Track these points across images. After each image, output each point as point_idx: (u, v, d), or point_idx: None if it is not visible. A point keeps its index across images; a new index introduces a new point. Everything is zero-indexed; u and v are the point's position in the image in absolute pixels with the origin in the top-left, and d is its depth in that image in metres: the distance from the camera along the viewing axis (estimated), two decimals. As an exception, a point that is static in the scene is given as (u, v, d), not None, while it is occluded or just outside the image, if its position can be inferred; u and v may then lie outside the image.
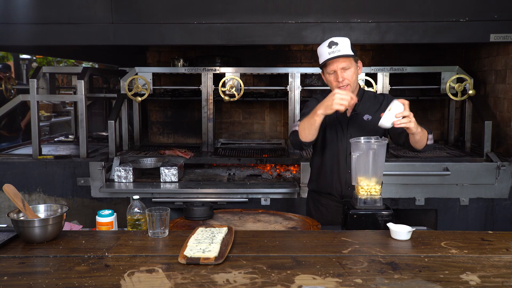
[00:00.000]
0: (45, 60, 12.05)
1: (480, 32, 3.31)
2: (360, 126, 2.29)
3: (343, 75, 2.20)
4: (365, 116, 2.30)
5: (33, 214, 1.78)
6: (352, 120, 2.31)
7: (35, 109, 3.59)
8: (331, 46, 2.19)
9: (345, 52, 2.18)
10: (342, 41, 2.20)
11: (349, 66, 2.20)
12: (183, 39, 3.41)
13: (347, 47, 2.19)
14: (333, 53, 2.18)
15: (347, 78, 2.20)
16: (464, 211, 3.39)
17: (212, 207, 2.12)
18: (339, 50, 2.18)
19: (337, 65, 2.19)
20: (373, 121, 2.26)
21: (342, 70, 2.20)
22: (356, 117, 2.31)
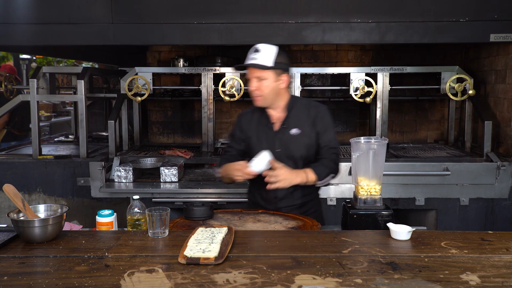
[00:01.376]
0: (45, 60, 12.04)
1: (480, 32, 3.31)
2: (287, 141, 2.22)
3: (256, 84, 2.12)
4: (293, 130, 2.22)
5: (33, 214, 1.78)
6: (279, 135, 2.23)
7: (35, 109, 3.59)
8: (252, 52, 2.10)
9: (261, 63, 2.08)
10: (267, 50, 2.09)
11: (264, 77, 2.10)
12: (183, 39, 3.41)
13: (267, 57, 2.08)
14: (250, 60, 2.10)
15: (258, 89, 2.12)
16: (464, 211, 3.39)
17: (212, 207, 2.12)
18: (257, 58, 2.08)
19: (252, 73, 2.12)
20: (301, 135, 2.22)
21: (256, 79, 2.11)
22: (283, 132, 2.23)
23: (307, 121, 2.24)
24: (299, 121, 2.24)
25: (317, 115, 2.24)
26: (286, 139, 2.23)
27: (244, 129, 2.32)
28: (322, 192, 3.34)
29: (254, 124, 2.30)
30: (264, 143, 2.25)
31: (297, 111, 2.25)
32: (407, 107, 4.57)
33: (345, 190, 3.36)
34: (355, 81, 3.66)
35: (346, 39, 3.35)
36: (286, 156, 2.23)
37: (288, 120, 2.24)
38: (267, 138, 2.25)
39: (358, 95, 3.65)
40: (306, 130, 2.23)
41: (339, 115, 4.64)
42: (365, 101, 3.64)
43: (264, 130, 2.26)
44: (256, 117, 2.30)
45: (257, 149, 2.23)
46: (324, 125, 2.24)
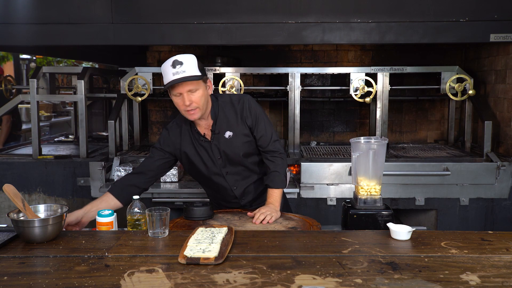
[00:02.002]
0: (45, 60, 12.05)
1: (480, 32, 3.31)
2: (225, 146, 2.18)
3: (191, 98, 2.01)
4: (226, 133, 2.17)
5: (33, 214, 1.78)
6: (215, 143, 2.18)
7: (35, 109, 3.59)
8: (175, 66, 1.99)
9: (190, 73, 1.98)
10: (188, 60, 2.01)
11: (196, 88, 2.02)
12: (183, 39, 3.41)
13: (192, 67, 2.00)
14: (177, 74, 1.98)
15: (194, 101, 2.02)
16: (464, 211, 3.39)
17: (212, 207, 2.12)
18: (184, 70, 1.98)
19: (183, 87, 2.00)
20: (236, 136, 2.17)
21: (188, 93, 2.01)
22: (217, 138, 2.17)
23: (236, 119, 2.17)
24: (228, 123, 2.17)
25: (243, 109, 2.18)
26: (223, 145, 2.18)
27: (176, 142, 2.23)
28: (322, 192, 3.38)
29: (186, 138, 2.22)
30: (204, 156, 2.20)
31: (223, 112, 2.18)
32: (407, 107, 4.57)
33: (345, 190, 3.36)
34: (355, 81, 3.66)
35: (346, 39, 3.35)
36: (229, 161, 2.21)
37: (218, 125, 2.17)
38: (205, 150, 2.19)
39: (358, 95, 3.66)
40: (239, 128, 2.18)
41: (339, 115, 4.65)
42: (365, 101, 3.64)
43: (199, 143, 2.19)
44: (185, 131, 2.22)
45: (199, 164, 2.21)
46: (253, 116, 2.18)
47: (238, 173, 2.25)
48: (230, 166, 2.23)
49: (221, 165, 2.22)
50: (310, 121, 4.63)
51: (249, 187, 2.29)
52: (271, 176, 2.21)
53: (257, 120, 2.19)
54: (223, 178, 2.24)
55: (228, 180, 2.25)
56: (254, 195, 2.31)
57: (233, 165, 2.23)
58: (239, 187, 2.27)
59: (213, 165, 2.22)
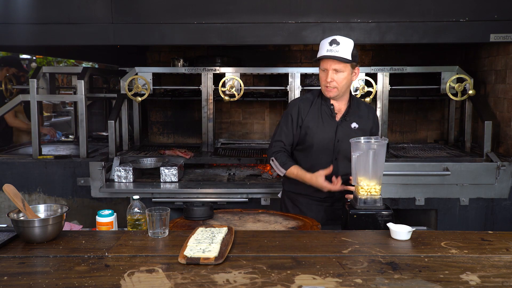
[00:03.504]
0: (45, 60, 12.04)
1: (480, 32, 3.31)
2: (347, 133, 2.26)
3: (333, 76, 2.16)
4: (353, 124, 2.29)
5: (33, 214, 1.78)
6: (341, 126, 2.28)
7: (35, 109, 3.59)
8: (332, 44, 2.14)
9: (342, 55, 2.13)
10: (345, 43, 2.15)
11: (342, 70, 2.16)
12: (183, 39, 3.41)
13: (347, 50, 2.14)
14: (331, 51, 2.13)
15: (336, 81, 2.17)
16: (464, 211, 3.39)
17: (212, 207, 2.12)
18: (337, 50, 2.13)
19: (330, 64, 2.16)
20: (359, 130, 2.28)
21: (333, 71, 2.16)
22: (345, 124, 2.29)
23: (364, 117, 2.31)
24: (359, 116, 2.30)
25: (370, 113, 2.34)
26: (347, 131, 2.27)
27: (304, 113, 2.31)
28: (322, 192, 3.37)
29: (314, 112, 2.31)
30: (324, 132, 2.28)
31: (356, 106, 2.32)
32: (407, 107, 4.57)
33: (345, 190, 3.36)
34: (355, 81, 3.65)
35: (346, 39, 3.35)
36: (342, 148, 2.27)
37: (350, 113, 2.28)
38: (329, 128, 2.28)
39: (358, 95, 3.65)
40: (364, 125, 2.30)
41: (339, 115, 4.64)
42: (365, 101, 3.64)
43: (326, 119, 2.28)
44: (316, 106, 2.31)
45: (316, 138, 2.28)
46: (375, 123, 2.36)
47: (342, 165, 2.29)
48: (339, 154, 2.28)
49: (334, 149, 2.27)
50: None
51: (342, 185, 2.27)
52: None
53: (376, 128, 2.39)
54: (330, 162, 2.28)
55: (335, 166, 2.27)
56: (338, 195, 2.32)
57: (342, 154, 2.28)
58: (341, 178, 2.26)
59: (328, 144, 2.28)
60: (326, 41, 2.16)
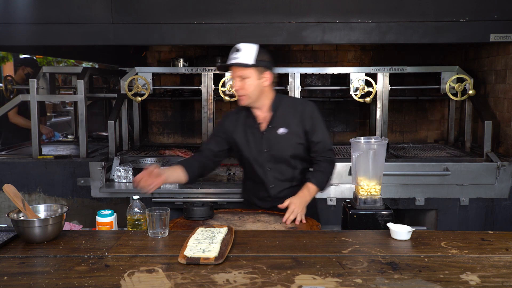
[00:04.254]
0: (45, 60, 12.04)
1: (480, 32, 3.30)
2: (275, 141, 2.21)
3: (239, 84, 2.12)
4: (280, 130, 2.20)
5: (33, 214, 1.78)
6: (266, 135, 2.22)
7: (35, 109, 3.59)
8: (233, 52, 2.10)
9: (241, 61, 2.07)
10: (246, 48, 2.10)
11: (247, 76, 2.10)
12: (183, 39, 3.41)
13: (248, 55, 2.08)
14: (231, 59, 2.10)
15: (243, 88, 2.12)
16: (464, 211, 3.39)
17: (212, 207, 2.12)
18: (237, 57, 2.08)
19: (234, 72, 2.12)
20: (289, 134, 2.20)
21: (239, 79, 2.11)
22: (270, 131, 2.21)
23: (293, 119, 2.21)
24: (285, 120, 2.21)
25: (303, 112, 2.22)
26: (274, 139, 2.21)
27: (229, 130, 2.30)
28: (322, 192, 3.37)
29: (240, 125, 2.27)
30: (252, 144, 2.23)
31: (283, 110, 2.22)
32: (407, 107, 4.57)
33: (345, 190, 3.36)
34: (355, 81, 3.66)
35: (346, 39, 3.35)
36: (274, 156, 2.22)
37: (275, 120, 2.21)
38: (255, 139, 2.23)
39: (358, 95, 3.65)
40: (294, 129, 2.21)
41: (339, 115, 4.65)
42: (365, 101, 3.64)
43: (251, 130, 2.24)
44: (241, 118, 2.28)
45: (245, 151, 2.24)
46: (313, 122, 2.22)
47: (280, 172, 2.25)
48: (273, 163, 2.24)
49: (265, 159, 2.23)
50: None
51: (286, 190, 2.26)
52: (315, 173, 2.22)
53: (317, 126, 2.23)
54: (264, 173, 2.24)
55: (268, 175, 2.25)
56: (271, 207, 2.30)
57: (277, 162, 2.24)
58: (276, 187, 2.26)
59: (258, 156, 2.24)
60: (233, 49, 2.13)
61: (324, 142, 2.23)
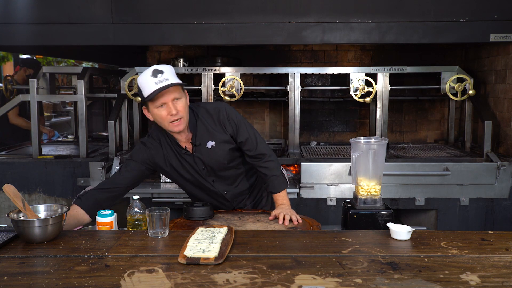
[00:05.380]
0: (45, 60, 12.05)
1: (480, 32, 3.31)
2: (208, 156, 2.12)
3: (176, 106, 1.94)
4: (209, 143, 2.11)
5: (33, 214, 1.78)
6: (197, 154, 2.12)
7: (35, 109, 3.59)
8: (156, 75, 1.89)
9: (173, 81, 1.90)
10: (167, 69, 1.93)
11: (180, 96, 1.96)
12: (183, 39, 3.41)
13: (173, 75, 1.93)
14: (161, 82, 1.89)
15: (180, 111, 1.96)
16: (464, 211, 3.39)
17: (212, 207, 2.12)
18: (166, 78, 1.89)
19: (168, 96, 1.92)
20: (218, 145, 2.11)
21: (174, 102, 1.94)
22: (200, 150, 2.11)
23: (215, 128, 2.12)
24: (208, 133, 2.11)
25: (220, 117, 2.12)
26: (206, 156, 2.12)
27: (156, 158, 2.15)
28: (322, 192, 3.38)
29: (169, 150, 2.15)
30: (188, 167, 2.16)
31: (202, 123, 2.11)
32: (407, 107, 4.57)
33: (345, 190, 3.36)
34: (355, 81, 3.66)
35: (346, 39, 3.35)
36: (214, 170, 2.18)
37: (198, 137, 2.10)
38: (188, 161, 2.15)
39: (358, 95, 3.66)
40: (220, 137, 2.12)
41: (339, 115, 4.65)
42: (365, 101, 3.64)
43: (181, 155, 2.14)
44: (166, 145, 2.15)
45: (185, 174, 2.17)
46: (232, 123, 2.13)
47: (225, 178, 2.22)
48: (215, 175, 2.20)
49: (206, 175, 2.18)
50: (310, 121, 4.64)
51: (239, 190, 2.28)
52: (270, 182, 2.18)
53: (238, 125, 2.13)
54: (211, 186, 2.22)
55: (217, 187, 2.22)
56: (247, 196, 2.31)
57: (218, 173, 2.19)
58: (229, 191, 2.26)
59: (199, 176, 2.18)
60: (147, 74, 1.91)
61: (250, 137, 2.14)
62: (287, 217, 2.02)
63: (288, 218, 2.02)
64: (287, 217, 2.02)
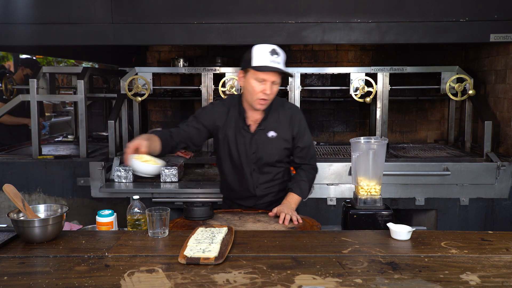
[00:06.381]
0: (45, 60, 12.04)
1: (480, 32, 3.31)
2: (264, 143, 2.20)
3: (272, 89, 2.07)
4: (270, 133, 2.19)
5: (33, 214, 1.78)
6: (256, 137, 2.20)
7: (35, 109, 3.59)
8: (273, 54, 2.02)
9: (284, 68, 2.04)
10: (282, 55, 2.07)
11: (278, 83, 2.09)
12: (183, 39, 3.41)
13: (284, 62, 2.07)
14: (274, 62, 2.01)
15: (272, 94, 2.08)
16: (464, 211, 3.39)
17: (212, 207, 2.12)
18: (279, 62, 2.03)
19: (271, 77, 2.04)
20: (278, 138, 2.19)
21: (272, 84, 2.05)
22: (260, 133, 2.19)
23: (283, 123, 2.21)
24: (276, 124, 2.20)
25: (293, 117, 2.22)
26: (263, 142, 2.20)
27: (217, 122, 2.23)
28: (322, 192, 3.38)
29: (231, 121, 2.22)
30: (241, 144, 2.21)
31: (273, 113, 2.20)
32: (407, 107, 4.57)
33: (345, 190, 3.36)
34: (355, 81, 3.66)
35: (346, 39, 3.35)
36: (260, 159, 2.22)
37: (266, 122, 2.19)
38: (244, 139, 2.20)
39: (358, 95, 3.65)
40: (283, 133, 2.20)
41: (339, 115, 4.65)
42: (365, 101, 3.64)
43: (240, 130, 2.20)
44: (232, 114, 2.22)
45: (233, 150, 2.22)
46: (301, 128, 2.23)
47: (264, 174, 2.26)
48: (259, 165, 2.24)
49: (251, 160, 2.22)
50: (310, 121, 4.63)
51: (270, 191, 2.29)
52: (298, 183, 2.22)
53: (304, 132, 2.24)
54: (250, 174, 2.24)
55: (254, 177, 2.25)
56: (272, 198, 2.32)
57: (263, 165, 2.24)
58: (260, 188, 2.27)
59: (245, 158, 2.22)
60: (265, 49, 2.03)
61: (309, 148, 2.25)
62: (288, 217, 2.03)
63: (288, 218, 2.02)
64: (287, 217, 2.02)
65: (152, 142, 2.03)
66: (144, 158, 1.88)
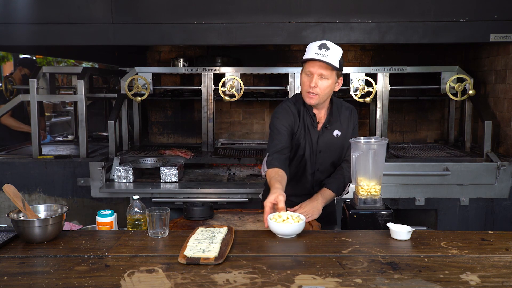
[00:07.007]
0: (45, 60, 12.04)
1: (480, 32, 3.31)
2: (330, 142, 2.22)
3: (317, 82, 2.06)
4: (335, 132, 2.22)
5: (33, 214, 1.78)
6: (323, 136, 2.22)
7: (35, 109, 3.59)
8: (321, 48, 2.03)
9: (330, 61, 2.02)
10: (334, 49, 2.05)
11: (327, 77, 2.06)
12: (183, 39, 3.41)
13: (336, 57, 2.04)
14: (319, 55, 2.02)
15: (319, 87, 2.07)
16: (464, 211, 3.39)
17: (212, 207, 2.12)
18: (326, 55, 2.02)
19: (316, 69, 2.05)
20: (342, 137, 2.22)
21: (318, 77, 2.06)
22: (326, 133, 2.22)
23: (346, 122, 2.25)
24: (340, 123, 2.24)
25: (352, 117, 2.27)
26: (328, 140, 2.22)
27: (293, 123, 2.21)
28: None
29: (301, 120, 2.22)
30: (308, 143, 2.22)
31: (337, 112, 2.24)
32: (407, 107, 4.57)
33: (345, 190, 3.36)
34: (355, 81, 3.66)
35: (346, 39, 3.36)
36: (325, 158, 2.23)
37: (331, 121, 2.22)
38: (311, 138, 2.22)
39: (358, 95, 3.66)
40: (346, 132, 2.24)
41: (339, 115, 4.64)
42: (365, 101, 3.64)
43: (309, 129, 2.21)
44: (301, 113, 2.22)
45: (301, 149, 2.22)
46: (355, 127, 2.29)
47: (324, 173, 2.26)
48: (323, 165, 2.25)
49: (317, 159, 2.23)
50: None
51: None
52: (334, 180, 2.22)
53: (356, 129, 2.29)
54: (312, 173, 2.25)
55: (316, 176, 2.25)
56: None
57: (326, 164, 2.25)
58: (317, 186, 2.26)
59: (311, 156, 2.23)
60: (315, 44, 2.06)
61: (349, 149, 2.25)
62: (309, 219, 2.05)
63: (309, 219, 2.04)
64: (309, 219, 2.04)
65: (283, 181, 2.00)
66: (282, 217, 1.81)
